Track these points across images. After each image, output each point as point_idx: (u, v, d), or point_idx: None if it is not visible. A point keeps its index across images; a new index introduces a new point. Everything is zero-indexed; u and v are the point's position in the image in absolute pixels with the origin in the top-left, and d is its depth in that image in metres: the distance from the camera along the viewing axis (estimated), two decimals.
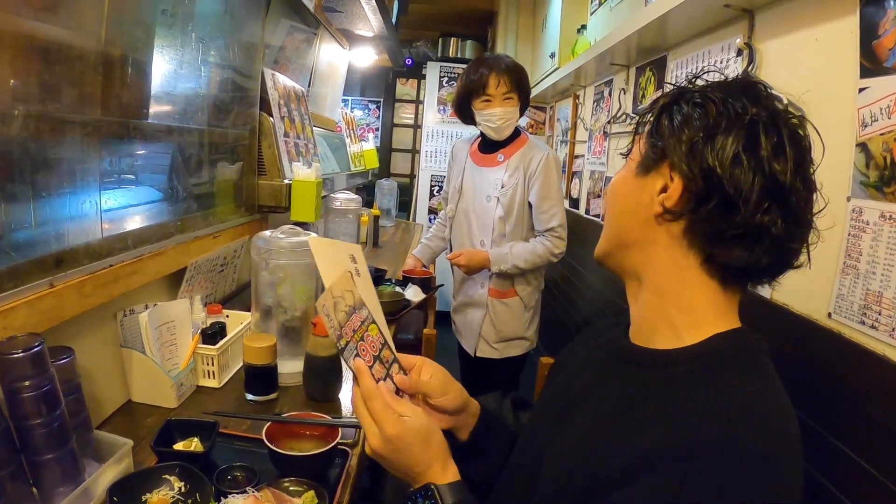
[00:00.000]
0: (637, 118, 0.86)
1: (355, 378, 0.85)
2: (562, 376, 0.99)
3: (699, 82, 0.81)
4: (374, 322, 0.88)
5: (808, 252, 0.77)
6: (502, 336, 2.52)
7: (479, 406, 1.02)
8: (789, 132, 0.73)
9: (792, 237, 0.73)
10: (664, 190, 0.77)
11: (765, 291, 1.51)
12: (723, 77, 0.80)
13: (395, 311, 2.10)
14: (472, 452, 0.99)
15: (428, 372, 0.95)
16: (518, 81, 2.32)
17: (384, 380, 0.87)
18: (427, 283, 2.45)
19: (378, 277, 2.51)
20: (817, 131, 0.78)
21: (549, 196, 2.34)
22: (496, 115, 2.31)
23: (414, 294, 2.32)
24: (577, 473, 0.73)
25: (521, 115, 2.40)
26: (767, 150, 0.71)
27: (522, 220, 2.41)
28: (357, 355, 0.84)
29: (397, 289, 2.31)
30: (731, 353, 0.74)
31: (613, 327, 0.94)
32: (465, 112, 2.44)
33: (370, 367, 0.85)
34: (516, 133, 2.44)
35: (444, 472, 0.83)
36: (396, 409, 0.83)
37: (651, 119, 0.82)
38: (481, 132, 2.46)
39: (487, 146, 2.47)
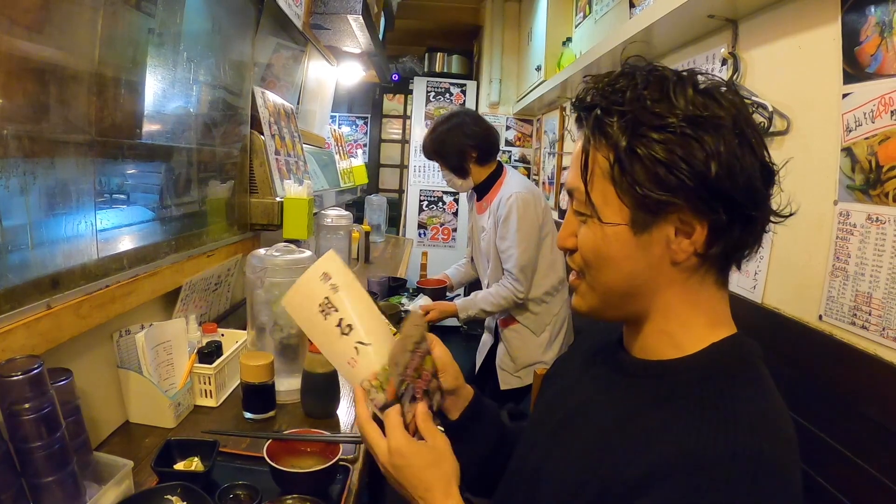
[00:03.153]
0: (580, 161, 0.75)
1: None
2: (558, 385, 0.98)
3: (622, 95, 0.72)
4: (429, 354, 0.89)
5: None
6: (521, 363, 2.54)
7: (473, 392, 1.02)
8: (749, 117, 0.72)
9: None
10: (679, 234, 0.71)
11: (755, 296, 1.52)
12: (639, 81, 0.71)
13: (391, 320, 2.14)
14: (458, 434, 0.99)
15: (437, 347, 0.94)
16: (435, 151, 2.48)
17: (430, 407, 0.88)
18: (440, 293, 2.51)
19: (398, 286, 2.65)
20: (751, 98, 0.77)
21: (506, 237, 2.38)
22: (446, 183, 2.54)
23: (423, 303, 2.42)
24: (583, 488, 0.71)
25: (463, 172, 2.49)
26: (758, 146, 0.70)
27: (499, 261, 2.49)
28: (414, 397, 0.85)
29: (404, 300, 2.36)
30: (730, 361, 0.74)
31: (605, 333, 0.93)
32: None
33: (419, 401, 0.85)
34: (497, 174, 2.50)
35: (446, 501, 0.81)
36: (424, 432, 0.84)
37: (613, 164, 0.71)
38: None
39: (476, 193, 2.59)
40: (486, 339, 2.70)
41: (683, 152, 0.67)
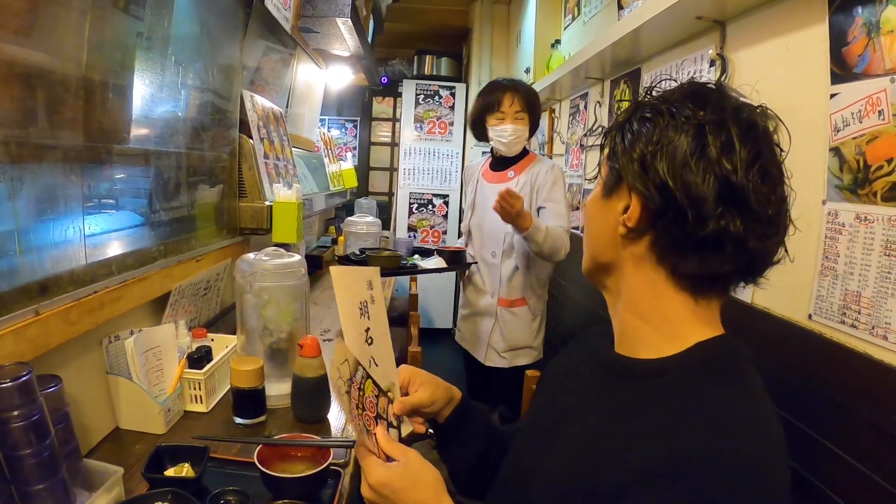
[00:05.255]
0: (602, 138, 0.86)
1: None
2: (550, 387, 0.99)
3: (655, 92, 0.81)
4: (368, 378, 0.88)
5: (785, 247, 0.76)
6: (511, 345, 2.58)
7: (460, 395, 1.04)
8: (741, 129, 0.71)
9: (755, 236, 0.71)
10: (626, 210, 0.77)
11: (745, 296, 1.53)
12: (675, 83, 0.80)
13: (391, 267, 2.42)
14: (446, 436, 1.02)
15: (415, 385, 0.98)
16: (530, 103, 2.48)
17: (388, 427, 0.88)
18: (456, 257, 2.57)
19: (421, 251, 2.76)
20: (782, 122, 0.79)
21: (557, 199, 2.46)
22: (507, 131, 2.45)
23: (435, 264, 2.49)
24: (572, 492, 0.72)
25: (531, 135, 2.56)
26: (716, 150, 0.70)
27: None
28: (366, 430, 0.85)
29: (416, 257, 2.58)
30: (714, 362, 0.74)
31: (600, 336, 0.93)
32: (478, 128, 2.59)
33: (373, 431, 0.86)
34: (525, 152, 2.58)
35: None
36: (390, 453, 0.84)
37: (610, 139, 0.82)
38: (492, 151, 2.62)
39: (498, 164, 2.61)
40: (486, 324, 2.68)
41: (636, 132, 0.76)
